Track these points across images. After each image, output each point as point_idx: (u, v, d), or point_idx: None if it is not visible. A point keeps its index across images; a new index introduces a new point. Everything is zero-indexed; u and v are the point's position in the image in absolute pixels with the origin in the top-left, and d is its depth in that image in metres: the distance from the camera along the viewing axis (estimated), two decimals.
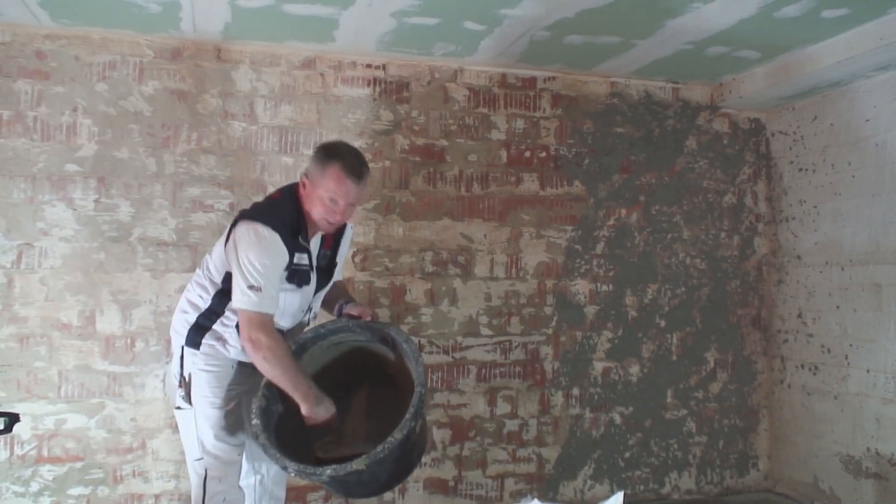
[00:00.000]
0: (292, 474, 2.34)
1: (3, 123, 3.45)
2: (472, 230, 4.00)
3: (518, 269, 4.05)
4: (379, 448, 2.27)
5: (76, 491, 3.47)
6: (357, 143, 3.80)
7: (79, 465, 3.48)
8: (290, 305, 2.60)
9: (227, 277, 2.53)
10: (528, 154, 4.10)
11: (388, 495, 3.80)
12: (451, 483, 3.92)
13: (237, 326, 2.51)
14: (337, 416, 2.51)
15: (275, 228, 2.45)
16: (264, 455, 2.67)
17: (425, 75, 3.96)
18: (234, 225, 2.55)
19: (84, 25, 3.47)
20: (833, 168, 4.06)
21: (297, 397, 2.45)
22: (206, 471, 2.60)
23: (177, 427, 3.51)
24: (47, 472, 3.45)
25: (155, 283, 3.58)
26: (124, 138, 3.57)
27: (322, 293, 2.77)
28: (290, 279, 2.54)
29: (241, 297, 2.43)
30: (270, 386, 2.49)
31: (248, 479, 2.80)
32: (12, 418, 2.72)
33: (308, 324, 2.80)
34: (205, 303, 2.60)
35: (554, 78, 4.14)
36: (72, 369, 3.49)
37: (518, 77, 4.09)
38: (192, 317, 2.61)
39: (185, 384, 2.61)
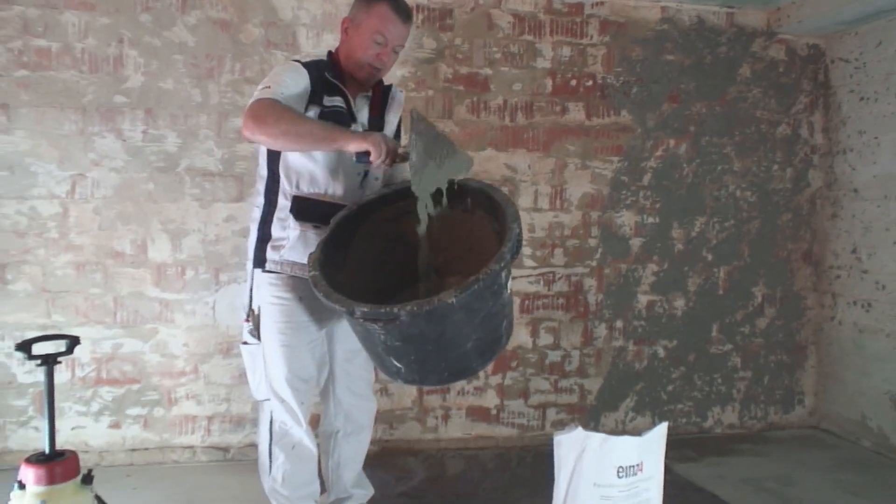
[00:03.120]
0: (360, 319, 1.97)
1: (53, 56, 3.50)
2: (515, 161, 3.95)
3: (562, 201, 4.01)
4: (472, 278, 1.89)
5: (134, 411, 3.63)
6: (399, 73, 3.77)
7: (135, 387, 3.63)
8: (345, 159, 2.38)
9: (271, 158, 2.40)
10: (574, 83, 4.01)
11: (431, 421, 3.89)
12: (493, 411, 3.98)
13: (292, 210, 2.39)
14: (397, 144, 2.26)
15: (296, 60, 2.43)
16: (345, 399, 2.57)
17: (469, 2, 3.86)
18: None
19: None
20: None
21: (340, 141, 2.22)
22: (272, 412, 2.44)
23: (227, 352, 3.67)
24: (106, 392, 3.60)
25: (203, 212, 3.65)
26: (169, 69, 3.60)
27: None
28: (324, 119, 2.34)
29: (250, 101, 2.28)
30: (329, 244, 2.25)
31: (329, 427, 2.68)
32: (73, 341, 2.83)
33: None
34: (260, 209, 2.46)
35: (602, 3, 4.00)
36: (126, 296, 3.60)
37: (564, 3, 3.97)
38: (255, 233, 2.47)
39: (254, 317, 2.46)
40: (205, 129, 3.63)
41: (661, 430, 1.97)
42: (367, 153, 2.20)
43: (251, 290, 2.48)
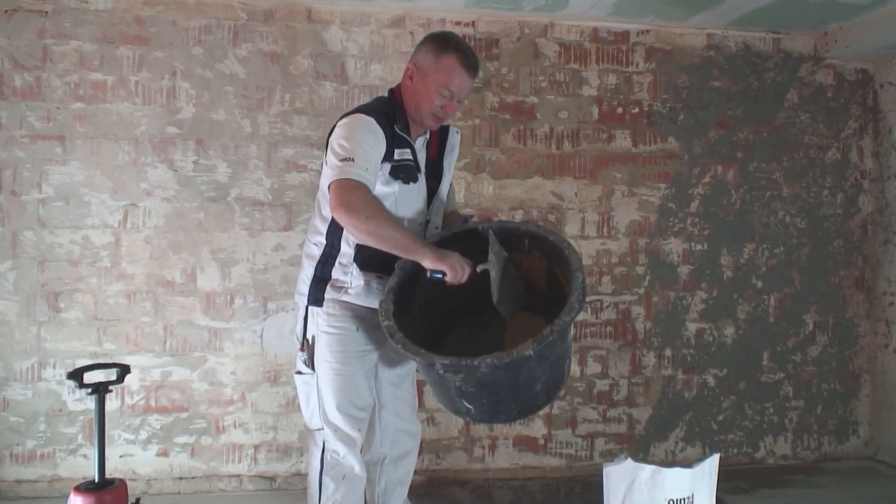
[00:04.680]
0: (441, 371, 2.02)
1: (108, 88, 3.58)
2: (562, 188, 3.94)
3: (610, 228, 3.98)
4: (547, 330, 1.96)
5: (182, 439, 3.64)
6: None
7: (184, 415, 3.64)
8: (405, 206, 2.40)
9: None
10: (620, 110, 4.00)
11: (477, 451, 3.85)
12: (541, 441, 3.93)
13: (356, 258, 2.37)
14: (474, 269, 2.24)
15: (368, 114, 2.31)
16: (392, 423, 2.57)
17: (515, 31, 3.89)
18: (330, 133, 2.40)
19: None
20: None
21: (414, 252, 2.21)
22: (324, 442, 2.43)
23: (274, 380, 3.67)
24: (155, 420, 3.62)
25: (252, 241, 3.68)
26: (220, 100, 3.66)
27: (439, 205, 2.54)
28: (394, 174, 2.34)
29: (331, 173, 2.22)
30: (398, 290, 2.26)
31: (375, 454, 2.63)
32: (123, 369, 2.87)
33: None
34: (319, 248, 2.43)
35: (647, 31, 4.01)
36: (176, 324, 3.63)
37: (610, 31, 3.98)
38: (311, 270, 2.44)
39: (308, 347, 2.45)
40: (254, 159, 3.68)
41: (713, 461, 1.93)
42: (444, 273, 2.22)
43: (305, 319, 2.47)
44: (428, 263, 2.21)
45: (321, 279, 2.42)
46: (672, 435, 4.07)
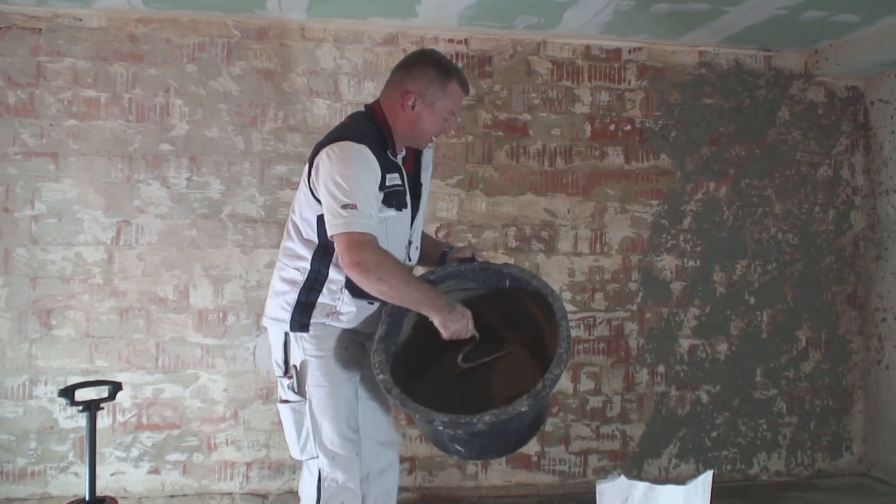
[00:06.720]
0: (440, 427, 2.04)
1: (102, 105, 3.59)
2: (555, 205, 3.95)
3: (602, 245, 3.99)
4: (539, 385, 2.03)
5: (173, 457, 3.62)
6: None
7: (175, 432, 3.63)
8: (395, 235, 2.34)
9: (323, 229, 2.22)
10: (612, 127, 4.02)
11: (471, 468, 3.84)
12: (534, 458, 3.92)
13: (347, 286, 2.27)
14: (473, 320, 2.26)
15: (360, 142, 2.20)
16: (372, 436, 2.51)
17: (508, 49, 3.91)
18: (313, 157, 2.27)
19: (174, 9, 3.56)
20: None
21: (427, 310, 2.19)
22: (320, 471, 2.30)
23: (267, 397, 3.66)
24: (146, 438, 3.61)
25: (244, 258, 3.68)
26: (214, 118, 3.67)
27: (418, 224, 2.51)
28: (388, 202, 2.26)
29: (335, 221, 2.13)
30: (386, 337, 2.23)
31: (360, 471, 2.47)
32: (115, 387, 2.87)
33: (412, 262, 2.51)
34: (302, 274, 2.29)
35: (640, 49, 4.03)
36: (168, 341, 3.62)
37: (602, 49, 4.00)
38: (293, 296, 2.30)
39: (296, 374, 2.32)
40: (248, 176, 3.68)
41: (706, 477, 1.92)
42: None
43: (285, 346, 2.37)
44: (438, 322, 2.20)
45: (306, 304, 2.30)
46: (665, 452, 4.06)
